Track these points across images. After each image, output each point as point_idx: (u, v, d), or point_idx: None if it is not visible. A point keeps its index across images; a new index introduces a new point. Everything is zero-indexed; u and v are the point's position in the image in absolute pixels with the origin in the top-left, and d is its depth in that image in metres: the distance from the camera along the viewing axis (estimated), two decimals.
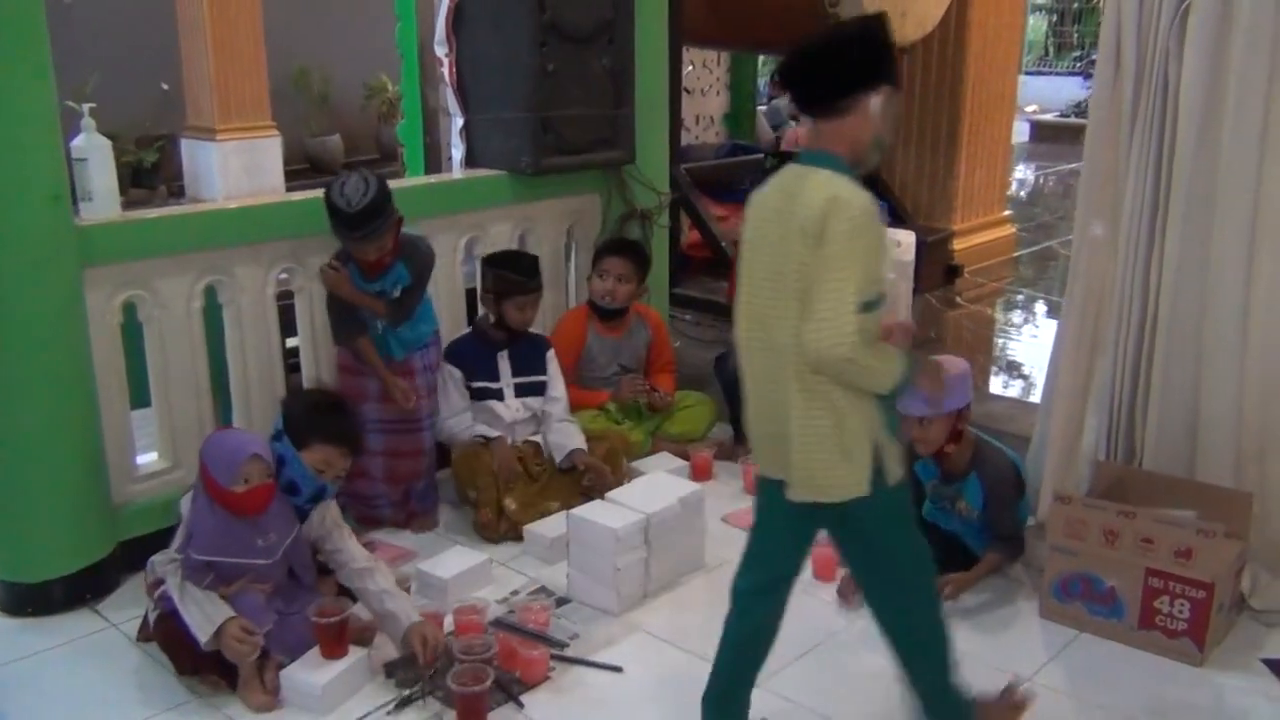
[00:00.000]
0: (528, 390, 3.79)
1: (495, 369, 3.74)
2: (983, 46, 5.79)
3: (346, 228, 3.28)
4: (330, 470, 2.92)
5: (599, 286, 4.04)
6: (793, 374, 2.18)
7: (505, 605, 3.15)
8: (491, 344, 3.74)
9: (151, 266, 3.25)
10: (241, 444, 2.78)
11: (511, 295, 3.69)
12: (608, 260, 4.05)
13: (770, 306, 2.21)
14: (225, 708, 2.71)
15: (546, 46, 3.93)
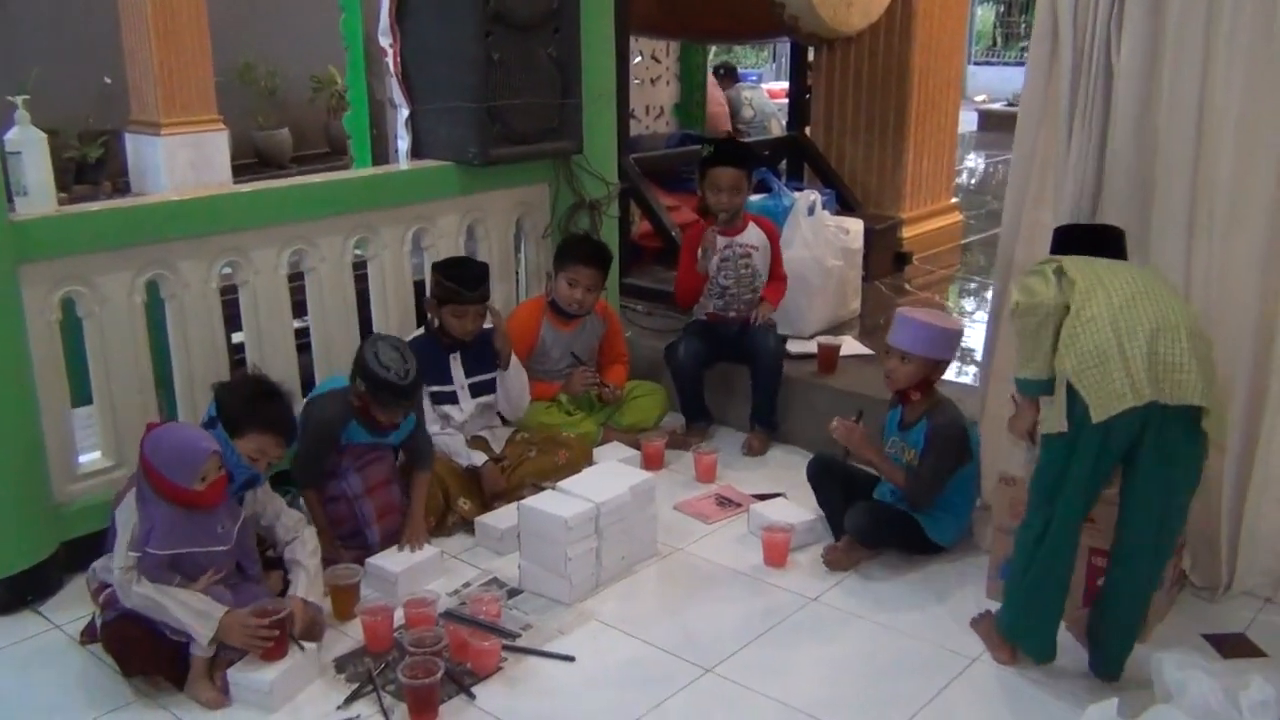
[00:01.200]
0: (482, 389, 3.76)
1: (448, 372, 3.69)
2: (929, 35, 5.83)
3: (398, 397, 3.17)
4: (264, 458, 2.88)
5: (568, 294, 3.98)
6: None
7: (456, 597, 3.14)
8: (443, 347, 3.67)
9: (90, 261, 3.19)
10: (195, 442, 2.72)
11: (449, 302, 3.62)
12: (580, 270, 3.96)
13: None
14: (173, 707, 2.68)
15: (492, 36, 3.91)
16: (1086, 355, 2.50)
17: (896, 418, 3.36)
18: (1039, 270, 2.67)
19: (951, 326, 3.29)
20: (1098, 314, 2.52)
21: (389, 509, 3.36)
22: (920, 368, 3.23)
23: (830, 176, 5.92)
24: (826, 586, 3.21)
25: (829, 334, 4.52)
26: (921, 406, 3.27)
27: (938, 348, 3.23)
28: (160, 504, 2.68)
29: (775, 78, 16.56)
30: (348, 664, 2.83)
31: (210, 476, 2.71)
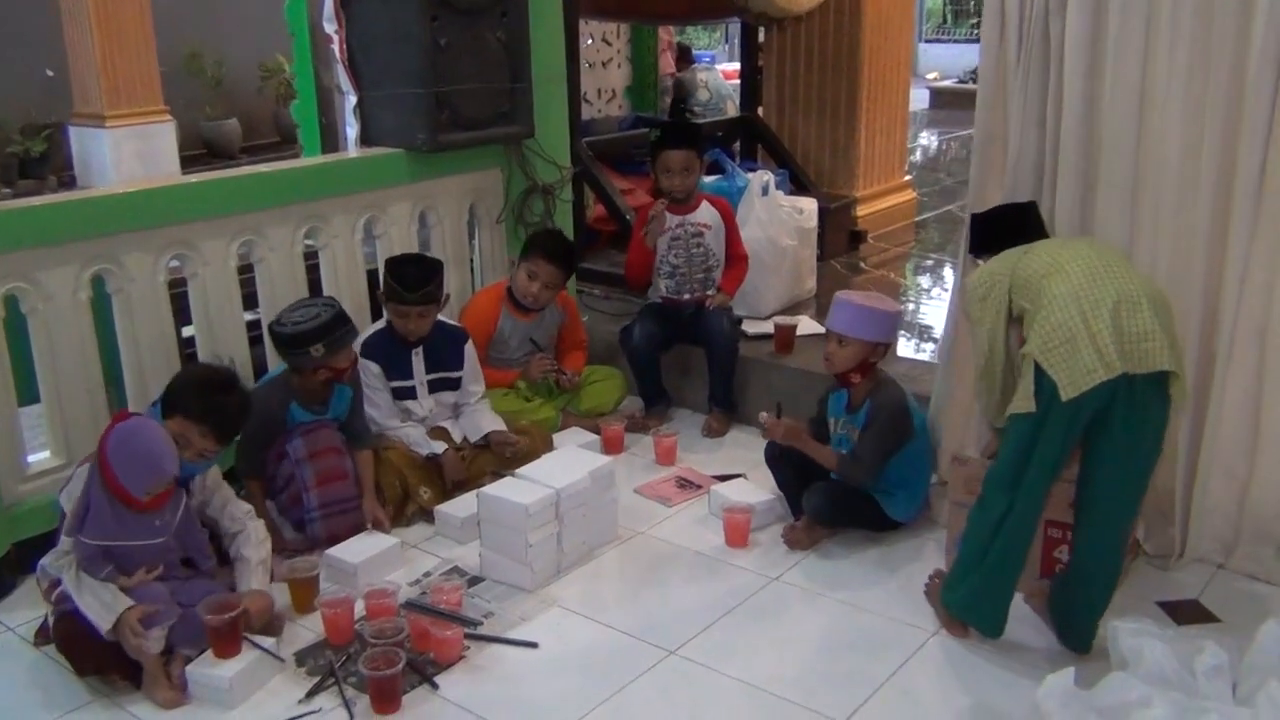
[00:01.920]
0: (441, 386, 3.72)
1: (409, 367, 3.65)
2: (878, 14, 5.84)
3: (307, 345, 3.19)
4: (190, 448, 2.79)
5: (525, 285, 3.95)
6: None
7: (417, 587, 3.12)
8: (404, 341, 3.63)
9: (32, 257, 3.13)
10: (157, 460, 2.65)
11: (391, 301, 3.58)
12: (541, 264, 3.93)
13: None
14: (130, 706, 2.65)
15: (437, 20, 3.87)
16: (1052, 334, 2.51)
17: (842, 400, 3.37)
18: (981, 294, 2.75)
19: (889, 309, 3.28)
20: (1058, 293, 2.53)
21: (331, 475, 3.31)
22: (859, 350, 3.23)
23: (783, 156, 5.92)
24: (787, 566, 3.22)
25: (785, 314, 4.53)
26: (865, 388, 3.28)
27: (876, 330, 3.22)
28: (104, 497, 2.64)
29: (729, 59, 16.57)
30: (308, 657, 2.81)
31: (156, 491, 2.67)
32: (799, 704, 2.60)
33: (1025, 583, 2.92)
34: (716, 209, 4.19)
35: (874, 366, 3.29)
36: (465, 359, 3.75)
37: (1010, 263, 2.73)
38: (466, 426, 3.71)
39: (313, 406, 3.36)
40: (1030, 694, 2.52)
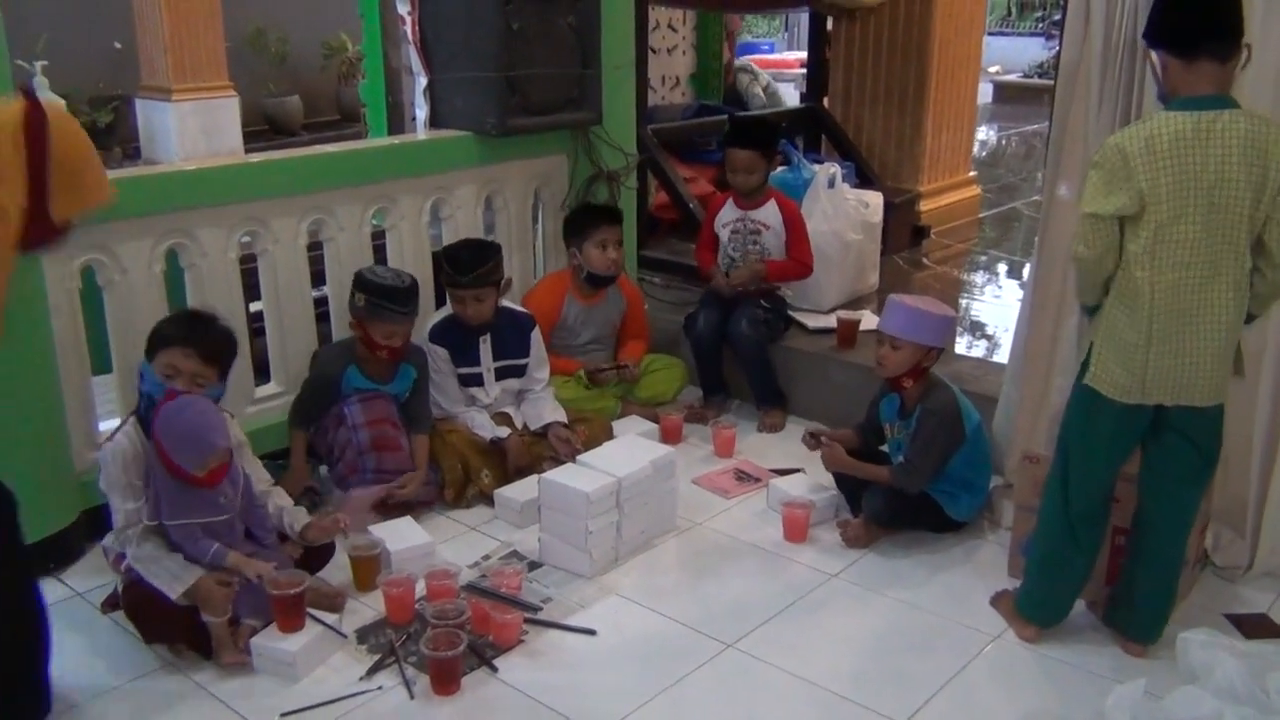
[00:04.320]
0: (508, 373, 3.73)
1: (476, 353, 3.66)
2: (950, 7, 5.77)
3: (395, 300, 3.33)
4: (180, 376, 2.76)
5: (601, 258, 3.96)
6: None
7: (477, 570, 3.14)
8: (472, 328, 3.64)
9: (110, 230, 3.17)
10: (205, 433, 2.68)
11: (448, 286, 3.62)
12: (605, 230, 3.96)
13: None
14: (195, 675, 2.69)
15: (511, 4, 3.87)
16: (1115, 334, 2.48)
17: (895, 404, 3.33)
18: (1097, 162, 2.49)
19: (944, 313, 3.24)
20: (1143, 289, 2.43)
21: (387, 444, 3.37)
22: (912, 354, 3.19)
23: (848, 148, 5.87)
24: (846, 563, 3.21)
25: (847, 308, 4.49)
26: (917, 393, 3.24)
27: (930, 334, 3.18)
28: (166, 477, 2.69)
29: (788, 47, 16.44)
30: (369, 635, 2.84)
31: (213, 464, 2.70)
32: (858, 703, 2.59)
33: (1090, 590, 2.88)
34: (782, 211, 4.17)
35: (926, 371, 3.25)
36: (532, 345, 3.76)
37: (1142, 139, 2.40)
38: (529, 414, 3.73)
39: (374, 377, 3.43)
40: (1094, 703, 2.51)
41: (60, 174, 2.14)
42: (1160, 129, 2.38)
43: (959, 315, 4.71)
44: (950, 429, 3.21)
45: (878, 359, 3.25)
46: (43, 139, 2.10)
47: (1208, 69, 2.39)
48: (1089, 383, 2.56)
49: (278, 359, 3.67)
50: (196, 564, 2.68)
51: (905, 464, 3.22)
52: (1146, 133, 2.40)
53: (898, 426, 3.31)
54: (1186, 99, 2.41)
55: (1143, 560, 2.71)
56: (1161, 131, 2.38)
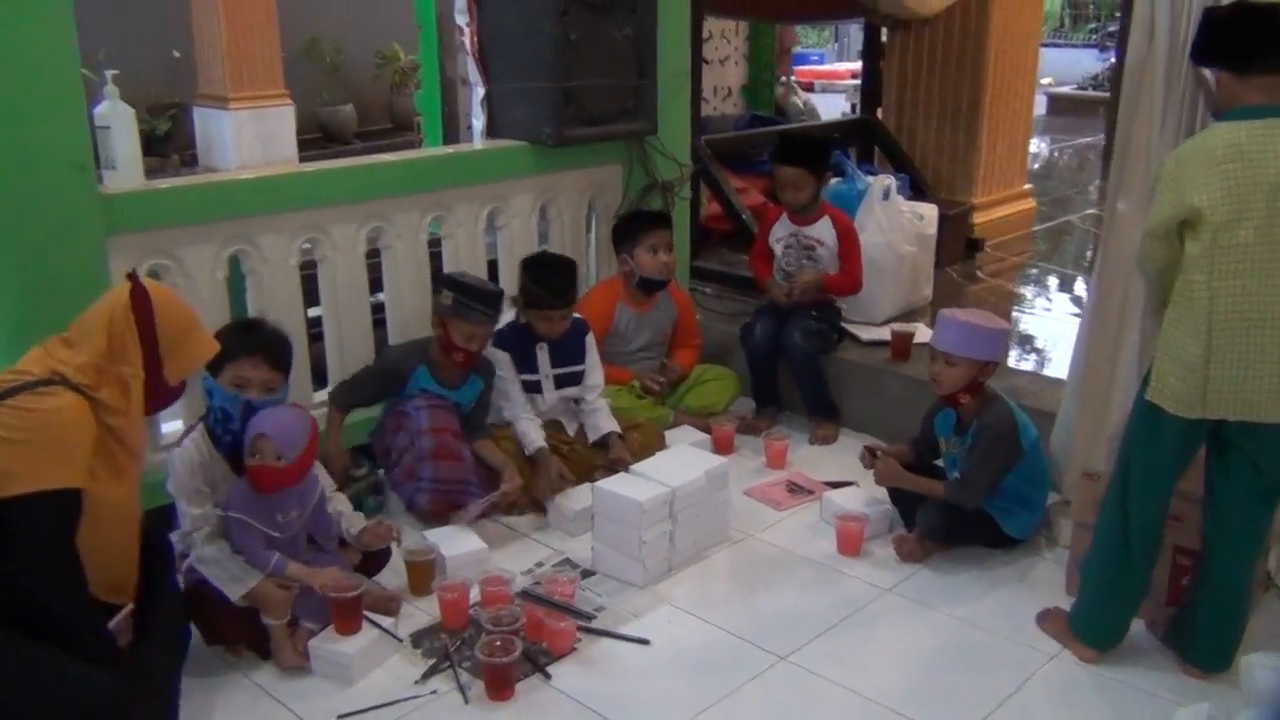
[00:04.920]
0: (566, 381, 3.74)
1: (535, 361, 3.68)
2: (1006, 18, 5.72)
3: (482, 302, 3.36)
4: (250, 385, 2.80)
5: (654, 263, 3.97)
6: None
7: (530, 577, 3.15)
8: (532, 336, 3.66)
9: (175, 235, 3.23)
10: (260, 420, 2.75)
11: (535, 308, 3.61)
12: (656, 234, 3.98)
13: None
14: (254, 675, 2.73)
15: (568, 15, 3.89)
16: (1175, 346, 2.45)
17: (950, 420, 3.31)
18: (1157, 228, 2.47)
19: (997, 327, 3.21)
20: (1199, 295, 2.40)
21: (449, 454, 3.39)
22: (967, 370, 3.17)
23: (902, 160, 5.84)
24: (901, 577, 3.18)
25: (901, 321, 4.47)
26: (974, 408, 3.22)
27: (984, 348, 3.16)
28: (237, 481, 2.77)
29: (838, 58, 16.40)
30: (424, 639, 2.86)
31: (263, 457, 2.72)
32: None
33: (1149, 609, 2.84)
34: (836, 227, 4.15)
35: (983, 385, 3.22)
36: (587, 351, 3.77)
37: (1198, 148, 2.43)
38: (587, 426, 3.74)
39: (443, 382, 3.46)
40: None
41: (168, 344, 2.37)
42: (1216, 137, 2.40)
43: (1013, 329, 4.68)
44: (1007, 444, 3.17)
45: (932, 376, 3.23)
46: (150, 316, 2.33)
47: (1262, 81, 2.39)
48: (1149, 397, 2.53)
49: (335, 364, 3.71)
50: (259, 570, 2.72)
51: (961, 479, 3.20)
52: (1202, 143, 2.43)
53: (954, 441, 3.28)
54: (1242, 109, 2.41)
55: (1206, 584, 2.67)
56: (1217, 140, 2.39)
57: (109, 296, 2.38)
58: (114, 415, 2.27)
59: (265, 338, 2.90)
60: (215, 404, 2.79)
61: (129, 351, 2.31)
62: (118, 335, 2.29)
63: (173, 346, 2.39)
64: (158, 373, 2.36)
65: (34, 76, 2.81)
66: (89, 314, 2.35)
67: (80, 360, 2.25)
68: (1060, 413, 3.40)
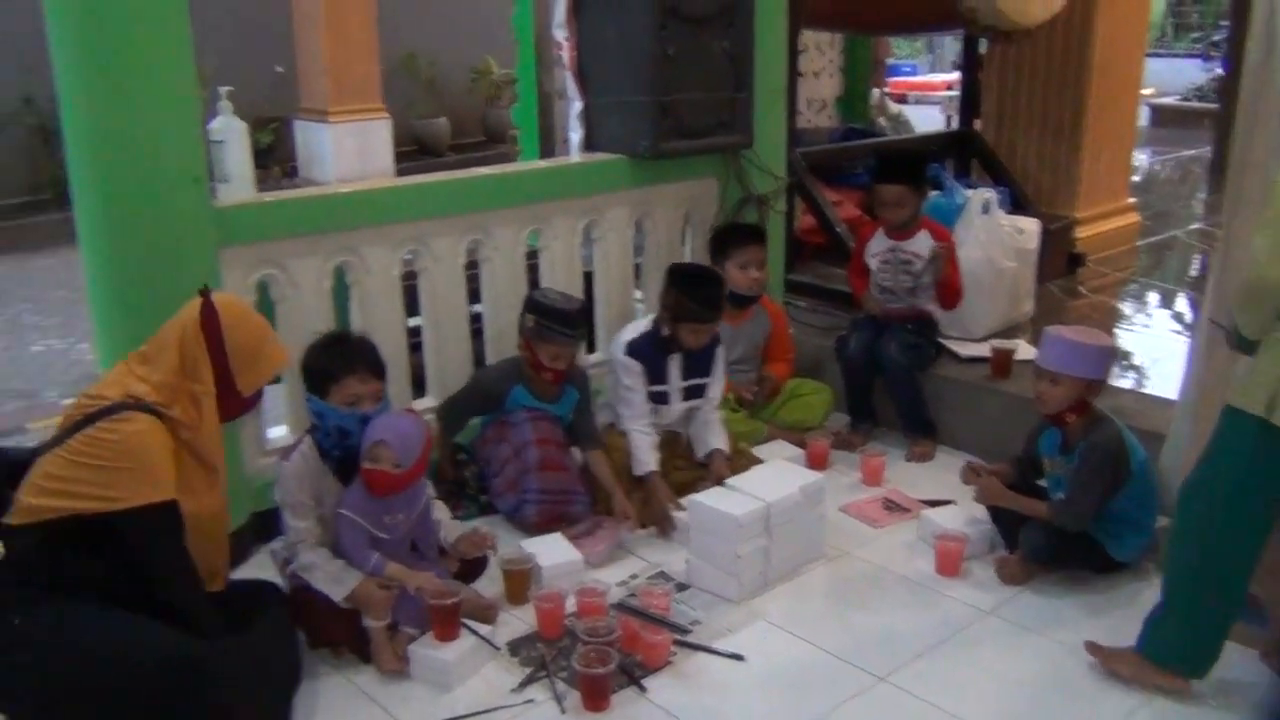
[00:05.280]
0: (693, 393, 3.72)
1: (665, 372, 3.66)
2: (1110, 29, 5.59)
3: (564, 323, 3.41)
4: (362, 400, 2.85)
5: (743, 278, 3.96)
6: None
7: (625, 588, 3.16)
8: (666, 347, 3.63)
9: (284, 247, 3.32)
10: (379, 426, 2.81)
11: (687, 321, 3.57)
12: (748, 251, 3.97)
13: None
14: (356, 678, 2.78)
15: (666, 29, 3.91)
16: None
17: (1055, 439, 3.23)
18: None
19: (1103, 344, 3.13)
20: None
21: (554, 464, 3.43)
22: (1073, 389, 3.09)
23: (1001, 173, 5.74)
24: (1002, 599, 3.12)
25: (1001, 337, 4.38)
26: (1080, 427, 3.14)
27: (1090, 367, 3.07)
28: (355, 482, 2.83)
29: (931, 70, 16.20)
30: (521, 648, 2.88)
31: (379, 463, 2.78)
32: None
33: (1262, 639, 2.74)
34: (935, 241, 4.09)
35: (1089, 404, 3.14)
36: (716, 362, 3.73)
37: None
38: (695, 438, 3.73)
39: (541, 397, 3.50)
40: None
41: (238, 358, 2.49)
42: None
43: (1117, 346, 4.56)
44: (1115, 465, 3.09)
45: (1037, 395, 3.16)
46: (218, 332, 2.45)
47: None
48: (1247, 409, 2.43)
49: (434, 373, 3.78)
50: (360, 572, 2.78)
51: (1066, 500, 3.12)
52: None
53: (1059, 462, 3.20)
54: None
55: None
56: None
57: (181, 313, 2.49)
58: (187, 430, 2.41)
59: (361, 350, 2.96)
60: (330, 424, 2.84)
61: (200, 369, 2.43)
62: (189, 353, 2.42)
63: (243, 362, 2.50)
64: (230, 387, 2.48)
65: (154, 93, 2.91)
66: (164, 330, 2.47)
67: (156, 378, 2.39)
68: (1170, 433, 3.30)
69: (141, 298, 2.99)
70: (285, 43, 10.36)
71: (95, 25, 2.83)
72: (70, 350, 6.59)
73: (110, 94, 2.87)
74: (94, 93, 2.88)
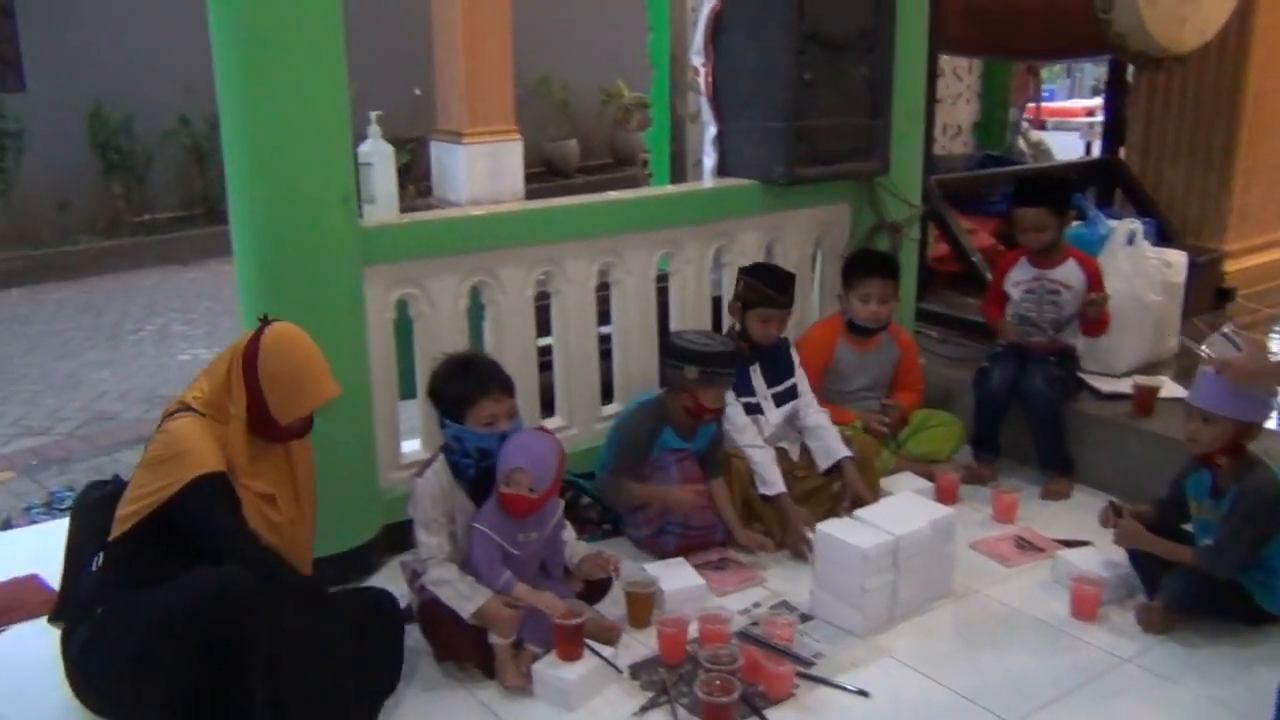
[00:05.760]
0: (784, 398, 3.73)
1: (749, 382, 3.68)
2: (1266, 55, 5.35)
3: (726, 364, 3.40)
4: (498, 419, 2.90)
5: (863, 310, 3.92)
6: None
7: (748, 617, 3.14)
8: (743, 358, 3.65)
9: (423, 266, 3.42)
10: (516, 451, 2.86)
11: (758, 306, 3.64)
12: (871, 283, 3.91)
13: None
14: (479, 692, 2.82)
15: (804, 55, 3.90)
16: None
17: (1205, 482, 3.09)
18: None
19: (1265, 385, 2.96)
20: None
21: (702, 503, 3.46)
22: (1228, 430, 2.95)
23: (1146, 204, 5.54)
24: (1142, 647, 2.99)
25: (1143, 373, 4.22)
26: (1232, 471, 2.99)
27: (1248, 408, 2.93)
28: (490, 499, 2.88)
29: (1070, 95, 15.76)
30: (642, 671, 2.88)
31: (515, 486, 2.82)
32: None
33: None
34: (1084, 271, 3.97)
35: (1244, 448, 3.00)
36: (795, 365, 3.77)
37: None
38: (816, 450, 3.70)
39: (684, 436, 3.49)
40: None
41: (273, 389, 2.59)
42: None
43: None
44: (1269, 512, 2.94)
45: (1188, 435, 3.03)
46: (254, 362, 2.58)
47: None
48: None
49: (563, 393, 3.83)
50: (488, 589, 2.82)
51: (1214, 546, 2.98)
52: None
53: (1207, 505, 3.06)
54: None
55: None
56: None
57: (241, 337, 2.66)
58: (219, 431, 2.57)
59: (491, 370, 3.01)
60: (470, 446, 2.89)
61: (235, 392, 2.58)
62: (233, 376, 2.59)
63: (279, 394, 2.60)
64: (264, 412, 2.60)
65: (309, 116, 3.03)
66: (226, 349, 2.66)
67: (206, 391, 2.60)
68: None
69: (290, 311, 3.04)
70: (424, 66, 10.67)
71: (256, 51, 2.97)
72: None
73: (268, 116, 3.00)
74: (253, 114, 3.01)
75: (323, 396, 2.67)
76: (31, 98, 9.60)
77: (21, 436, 5.60)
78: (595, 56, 12.15)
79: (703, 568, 3.35)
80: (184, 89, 9.74)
